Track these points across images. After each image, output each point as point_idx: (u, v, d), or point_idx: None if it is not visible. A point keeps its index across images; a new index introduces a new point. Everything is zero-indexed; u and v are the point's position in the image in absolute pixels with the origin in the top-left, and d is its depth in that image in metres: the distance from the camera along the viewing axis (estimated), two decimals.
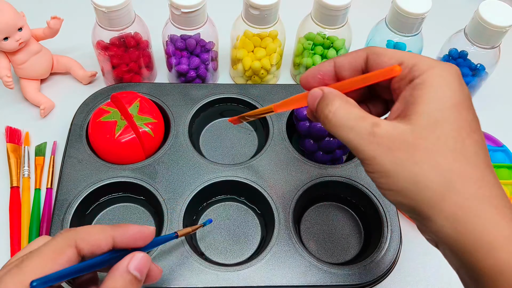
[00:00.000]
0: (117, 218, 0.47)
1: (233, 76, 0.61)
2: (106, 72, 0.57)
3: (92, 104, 0.51)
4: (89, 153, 0.47)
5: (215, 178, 0.46)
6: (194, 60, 0.54)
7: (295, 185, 0.46)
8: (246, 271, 0.41)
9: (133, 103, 0.48)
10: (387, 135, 0.28)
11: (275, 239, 0.43)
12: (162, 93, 0.52)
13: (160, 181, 0.46)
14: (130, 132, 0.47)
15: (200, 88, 0.53)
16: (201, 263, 0.41)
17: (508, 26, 0.50)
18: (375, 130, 0.29)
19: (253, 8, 0.49)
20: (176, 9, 0.48)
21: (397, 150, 0.28)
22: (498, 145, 0.56)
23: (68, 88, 0.59)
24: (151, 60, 0.58)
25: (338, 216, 0.48)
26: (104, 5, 0.47)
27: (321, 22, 0.52)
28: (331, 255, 0.46)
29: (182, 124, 0.50)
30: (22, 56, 0.54)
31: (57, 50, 0.59)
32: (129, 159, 0.47)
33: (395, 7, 0.51)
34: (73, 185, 0.45)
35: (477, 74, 0.56)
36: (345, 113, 0.30)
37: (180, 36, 0.53)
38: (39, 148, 0.53)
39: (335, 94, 0.31)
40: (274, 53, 0.55)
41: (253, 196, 0.47)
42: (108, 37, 0.52)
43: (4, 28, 0.49)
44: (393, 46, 0.55)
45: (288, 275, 0.41)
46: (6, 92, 0.58)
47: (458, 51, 0.56)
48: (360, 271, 0.41)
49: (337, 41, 0.55)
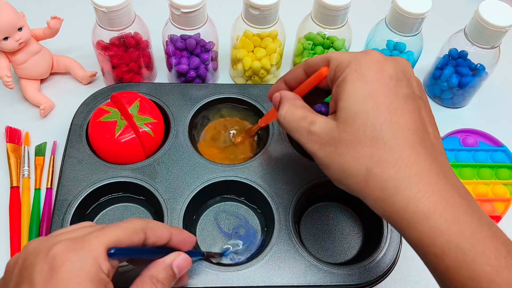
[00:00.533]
0: (117, 218, 0.47)
1: (233, 76, 0.61)
2: (106, 72, 0.57)
3: (92, 104, 0.51)
4: (89, 153, 0.47)
5: (215, 178, 0.46)
6: (194, 60, 0.54)
7: (295, 185, 0.46)
8: (246, 271, 0.41)
9: (133, 103, 0.48)
10: (320, 132, 0.33)
11: (275, 239, 0.43)
12: (162, 93, 0.52)
13: (160, 181, 0.46)
14: (130, 132, 0.47)
15: (200, 88, 0.53)
16: (201, 263, 0.41)
17: (508, 26, 0.50)
18: (311, 129, 0.33)
19: (253, 8, 0.49)
20: (176, 9, 0.48)
21: (327, 145, 0.32)
22: (498, 145, 0.56)
23: (68, 88, 0.59)
24: (151, 60, 0.58)
25: (338, 216, 0.48)
26: (104, 5, 0.47)
27: (321, 22, 0.52)
28: (331, 255, 0.46)
29: (182, 124, 0.50)
30: (22, 56, 0.54)
31: (57, 50, 0.59)
32: (129, 159, 0.47)
33: (395, 7, 0.51)
34: (73, 185, 0.45)
35: (477, 74, 0.56)
36: (291, 115, 0.35)
37: (180, 36, 0.53)
38: (39, 148, 0.53)
39: (287, 98, 0.36)
40: (274, 53, 0.55)
41: (253, 196, 0.47)
42: (108, 37, 0.52)
43: (4, 28, 0.49)
44: (393, 46, 0.55)
45: (288, 275, 0.41)
46: (6, 92, 0.58)
47: (458, 51, 0.56)
48: (360, 271, 0.41)
49: (337, 41, 0.55)
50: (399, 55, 0.56)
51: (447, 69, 0.57)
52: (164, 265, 0.32)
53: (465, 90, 0.58)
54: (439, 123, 0.50)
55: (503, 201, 0.51)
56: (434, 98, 0.62)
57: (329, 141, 0.32)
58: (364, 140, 0.30)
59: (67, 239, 0.28)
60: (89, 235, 0.28)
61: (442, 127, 0.56)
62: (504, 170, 0.53)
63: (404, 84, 0.32)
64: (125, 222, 0.31)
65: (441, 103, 0.62)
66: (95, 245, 0.28)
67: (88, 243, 0.28)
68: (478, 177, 0.53)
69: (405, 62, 0.34)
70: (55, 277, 0.26)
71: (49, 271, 0.26)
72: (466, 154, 0.54)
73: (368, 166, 0.30)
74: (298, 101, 0.36)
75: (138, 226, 0.31)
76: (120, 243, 0.29)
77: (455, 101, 0.61)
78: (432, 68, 0.61)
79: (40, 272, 0.26)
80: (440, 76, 0.59)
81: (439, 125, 0.60)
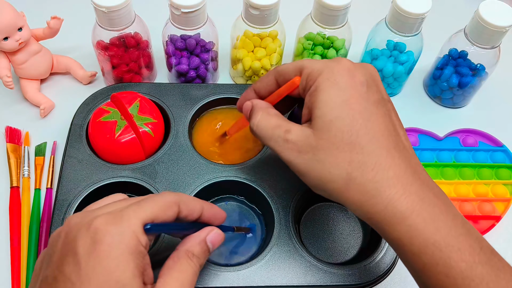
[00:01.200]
0: None
1: (233, 76, 0.61)
2: (106, 72, 0.57)
3: (92, 104, 0.51)
4: (89, 153, 0.47)
5: (215, 178, 0.46)
6: (194, 60, 0.54)
7: (295, 185, 0.46)
8: (246, 271, 0.41)
9: (133, 103, 0.48)
10: (296, 140, 0.33)
11: (275, 239, 0.43)
12: (162, 93, 0.52)
13: (160, 181, 0.46)
14: (130, 132, 0.47)
15: (200, 88, 0.53)
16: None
17: (508, 26, 0.50)
18: (287, 137, 0.33)
19: (253, 8, 0.49)
20: (176, 9, 0.48)
21: (304, 153, 0.33)
22: (498, 145, 0.56)
23: (68, 88, 0.59)
24: (151, 60, 0.58)
25: (338, 216, 0.48)
26: (104, 5, 0.47)
27: (321, 22, 0.52)
28: (331, 255, 0.46)
29: (182, 124, 0.50)
30: (22, 56, 0.54)
31: (57, 50, 0.59)
32: (129, 159, 0.47)
33: (395, 7, 0.51)
34: (73, 185, 0.45)
35: (477, 74, 0.56)
36: (265, 124, 0.35)
37: (180, 36, 0.53)
38: (39, 148, 0.53)
39: (260, 107, 0.37)
40: (274, 53, 0.55)
41: (253, 196, 0.47)
42: (108, 37, 0.52)
43: (4, 28, 0.49)
44: (393, 46, 0.56)
45: (288, 275, 0.41)
46: (6, 92, 0.58)
47: (458, 51, 0.56)
48: (360, 271, 0.41)
49: (337, 41, 0.55)
50: (399, 55, 0.56)
51: (447, 69, 0.57)
52: (199, 239, 0.33)
53: (465, 90, 0.58)
54: (439, 123, 0.50)
55: (503, 201, 0.51)
56: (434, 98, 0.62)
57: (306, 149, 0.33)
58: (342, 145, 0.31)
59: (107, 213, 0.29)
60: (127, 209, 0.29)
61: (442, 127, 0.57)
62: (504, 170, 0.53)
63: (374, 90, 0.33)
64: (159, 195, 0.32)
65: (441, 103, 0.62)
66: (133, 219, 0.29)
67: (126, 217, 0.29)
68: (478, 177, 0.53)
69: (372, 68, 0.35)
70: (97, 249, 0.27)
71: (92, 244, 0.27)
72: (466, 154, 0.54)
73: (348, 171, 0.31)
74: (271, 109, 0.37)
75: (172, 200, 0.31)
76: (156, 218, 0.30)
77: (455, 101, 0.61)
78: (432, 68, 0.61)
79: (83, 245, 0.27)
80: (440, 76, 0.59)
81: (439, 125, 0.61)
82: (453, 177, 0.53)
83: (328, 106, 0.32)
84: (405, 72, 0.58)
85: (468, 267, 0.28)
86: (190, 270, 0.31)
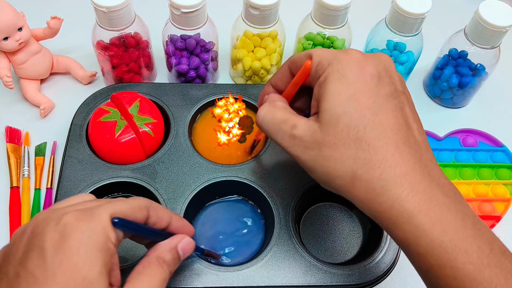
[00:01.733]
0: None
1: (233, 76, 0.61)
2: (106, 72, 0.57)
3: (92, 104, 0.51)
4: (89, 153, 0.47)
5: (215, 178, 0.46)
6: (194, 60, 0.54)
7: (295, 185, 0.46)
8: (246, 271, 0.41)
9: (133, 103, 0.48)
10: (302, 136, 0.32)
11: (275, 239, 0.43)
12: (162, 93, 0.52)
13: (160, 181, 0.46)
14: (130, 132, 0.47)
15: (200, 88, 0.53)
16: (201, 263, 0.41)
17: (508, 26, 0.50)
18: (293, 132, 0.33)
19: (253, 8, 0.49)
20: (176, 9, 0.48)
21: (311, 149, 0.32)
22: (498, 145, 0.56)
23: (68, 88, 0.59)
24: (151, 60, 0.58)
25: (338, 216, 0.48)
26: (104, 5, 0.47)
27: (321, 22, 0.52)
28: (331, 255, 0.46)
29: (182, 124, 0.50)
30: (22, 56, 0.54)
31: (57, 50, 0.59)
32: (129, 159, 0.47)
33: (395, 7, 0.51)
34: (73, 185, 0.45)
35: (477, 74, 0.56)
36: (271, 117, 0.34)
37: (180, 36, 0.53)
38: (39, 148, 0.53)
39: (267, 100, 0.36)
40: (274, 53, 0.55)
41: (253, 196, 0.47)
42: (108, 37, 0.52)
43: (4, 28, 0.49)
44: (393, 46, 0.56)
45: (288, 275, 0.41)
46: (6, 92, 0.58)
47: (458, 51, 0.56)
48: (360, 271, 0.41)
49: (337, 41, 0.55)
50: (399, 55, 0.56)
51: (447, 69, 0.57)
52: (169, 247, 0.33)
53: (465, 90, 0.58)
54: (439, 123, 0.50)
55: (503, 201, 0.51)
56: (434, 98, 0.62)
57: (312, 145, 0.32)
58: (348, 142, 0.30)
59: (77, 209, 0.29)
60: (98, 207, 0.29)
61: (442, 127, 0.57)
62: (504, 170, 0.53)
63: (386, 82, 0.32)
64: (131, 198, 0.32)
65: (441, 103, 0.62)
66: (104, 215, 0.29)
67: (97, 213, 0.29)
68: (478, 177, 0.53)
69: (386, 57, 0.33)
70: (65, 244, 0.27)
71: (60, 239, 0.27)
72: (466, 154, 0.54)
73: (353, 168, 0.30)
74: (279, 102, 0.36)
75: (142, 204, 0.32)
76: (125, 216, 0.30)
77: (455, 101, 0.61)
78: (432, 68, 0.61)
79: (51, 239, 0.27)
80: (440, 76, 0.59)
81: (439, 125, 0.60)
82: (453, 177, 0.53)
83: (335, 100, 0.31)
84: (405, 72, 0.58)
85: (476, 269, 0.27)
86: (159, 276, 0.31)
